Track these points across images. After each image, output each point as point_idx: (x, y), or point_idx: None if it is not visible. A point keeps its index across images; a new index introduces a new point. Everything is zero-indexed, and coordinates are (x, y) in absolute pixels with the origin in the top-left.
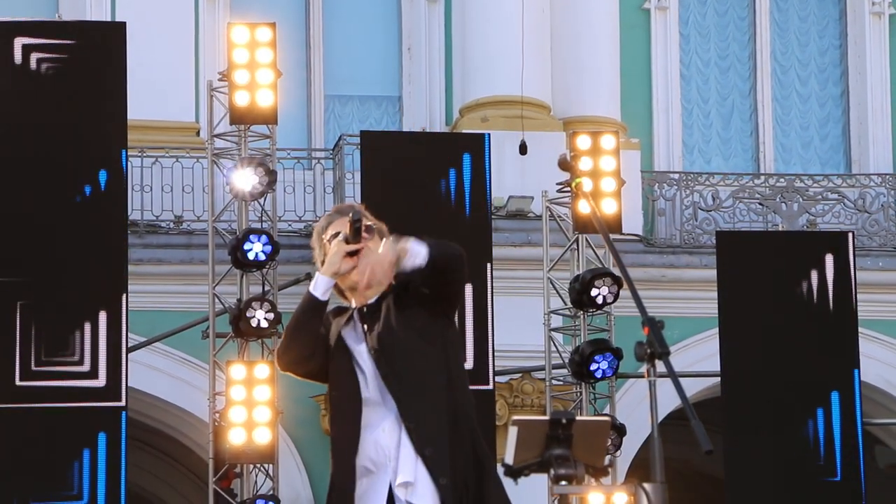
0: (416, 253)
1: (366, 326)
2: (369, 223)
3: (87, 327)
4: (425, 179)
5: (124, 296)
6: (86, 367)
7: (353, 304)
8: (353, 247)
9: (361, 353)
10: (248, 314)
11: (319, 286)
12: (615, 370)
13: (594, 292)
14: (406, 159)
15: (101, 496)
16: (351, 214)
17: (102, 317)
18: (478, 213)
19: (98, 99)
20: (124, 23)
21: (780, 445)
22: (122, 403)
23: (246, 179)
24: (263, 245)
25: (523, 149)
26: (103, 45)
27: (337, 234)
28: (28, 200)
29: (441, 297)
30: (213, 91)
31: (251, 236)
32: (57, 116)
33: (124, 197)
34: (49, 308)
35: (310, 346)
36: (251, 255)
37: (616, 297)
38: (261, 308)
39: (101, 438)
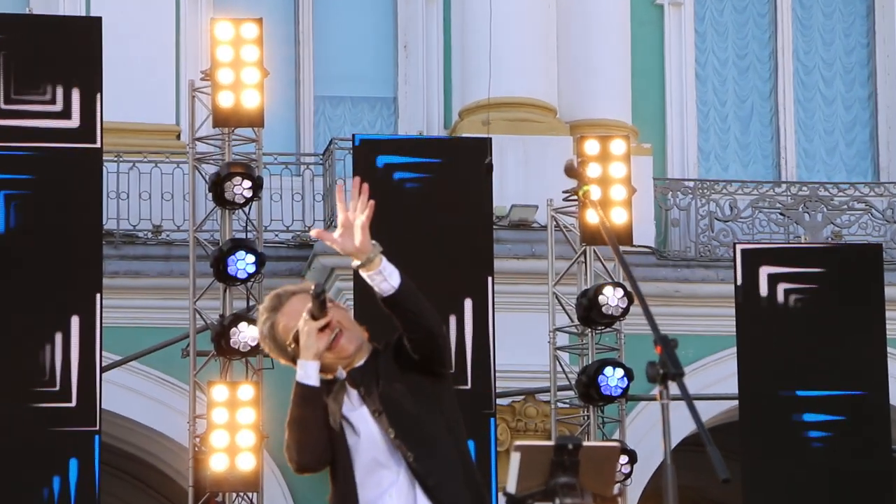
0: (390, 273)
1: (361, 389)
2: (325, 294)
3: (59, 339)
4: (423, 187)
5: (98, 296)
6: (56, 388)
7: (340, 373)
8: (323, 321)
9: (363, 416)
10: (231, 331)
11: (310, 373)
12: (625, 390)
13: (602, 300)
14: (402, 166)
15: None
16: (313, 288)
17: (75, 324)
18: (478, 222)
19: (67, 100)
20: (100, 18)
21: (802, 473)
22: (96, 427)
23: (230, 186)
24: (248, 262)
25: (489, 168)
26: (77, 41)
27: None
28: None
29: (429, 358)
30: (195, 91)
31: (236, 251)
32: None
33: (99, 196)
34: (16, 320)
35: (323, 442)
36: (234, 271)
37: (626, 310)
38: (245, 325)
39: (73, 464)
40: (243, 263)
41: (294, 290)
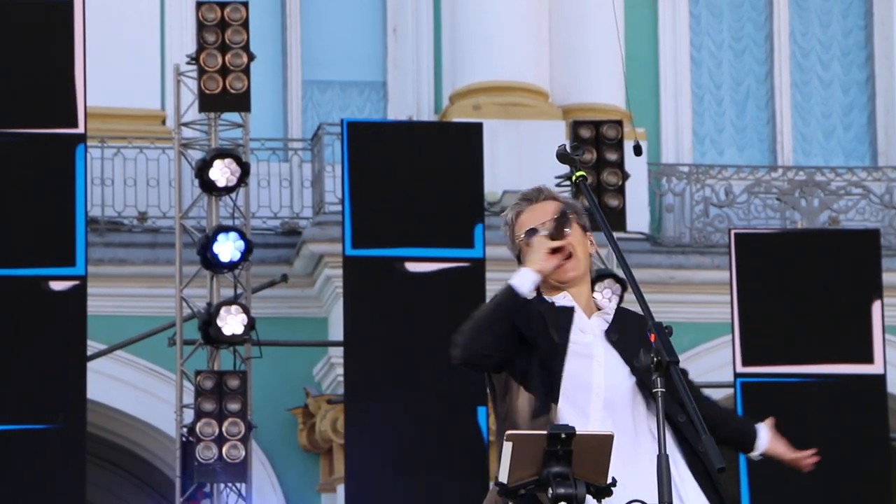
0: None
1: (615, 336)
2: (567, 217)
3: None
4: (412, 173)
5: None
6: None
7: (566, 297)
8: (557, 243)
9: (605, 350)
10: (218, 319)
11: (526, 282)
12: None
13: (596, 296)
14: (392, 151)
15: None
16: (556, 210)
17: None
18: (470, 209)
19: (46, 86)
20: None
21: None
22: None
23: (216, 172)
24: (235, 244)
25: (638, 149)
26: (51, 25)
27: (533, 231)
28: None
29: None
30: (180, 75)
31: (222, 234)
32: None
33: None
34: None
35: (490, 348)
36: (222, 256)
37: (620, 299)
38: (232, 313)
39: None
40: (231, 246)
41: (555, 194)
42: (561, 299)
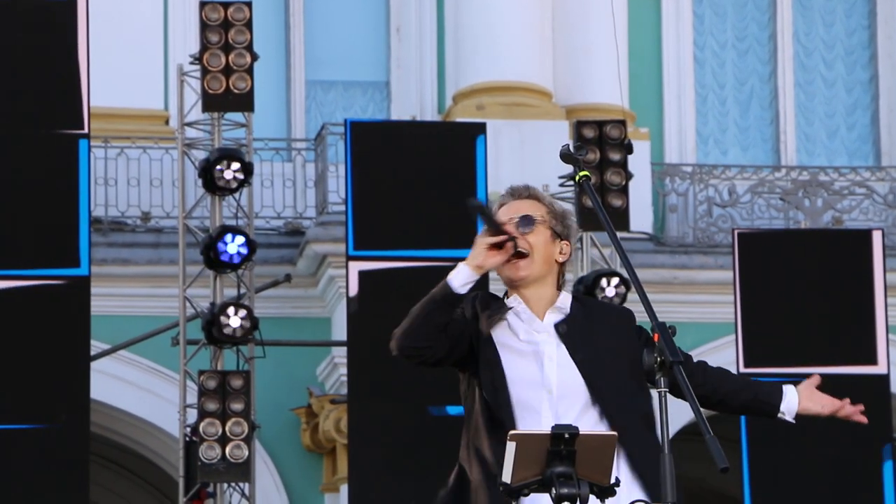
0: None
1: (563, 328)
2: (528, 214)
3: None
4: (416, 173)
5: None
6: None
7: (515, 300)
8: (495, 239)
9: (554, 353)
10: (221, 319)
11: (460, 278)
12: None
13: (599, 293)
14: (395, 151)
15: None
16: (527, 210)
17: None
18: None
19: (50, 87)
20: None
21: (807, 461)
22: None
23: (220, 172)
24: (239, 244)
25: (629, 148)
26: (55, 25)
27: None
28: None
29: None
30: (184, 75)
31: (225, 234)
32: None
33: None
34: None
35: (428, 340)
36: (225, 256)
37: (623, 299)
38: (236, 313)
39: None
40: (234, 247)
41: (540, 195)
42: (512, 301)
